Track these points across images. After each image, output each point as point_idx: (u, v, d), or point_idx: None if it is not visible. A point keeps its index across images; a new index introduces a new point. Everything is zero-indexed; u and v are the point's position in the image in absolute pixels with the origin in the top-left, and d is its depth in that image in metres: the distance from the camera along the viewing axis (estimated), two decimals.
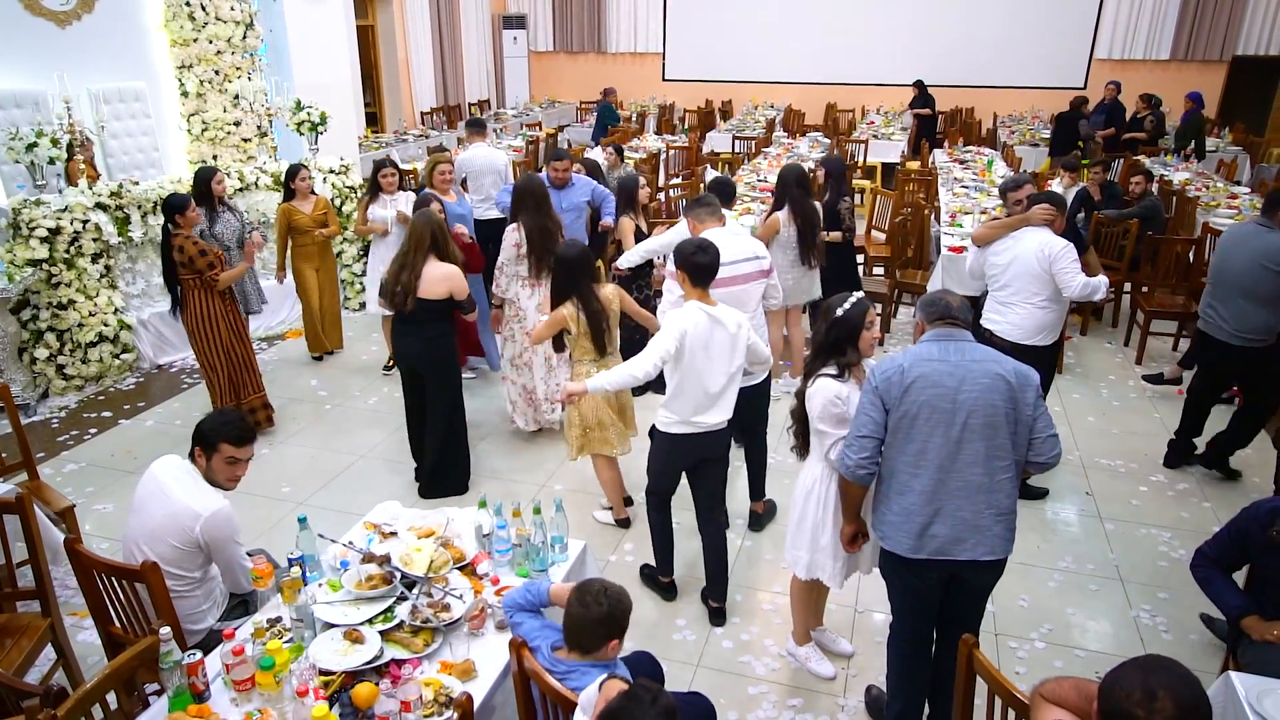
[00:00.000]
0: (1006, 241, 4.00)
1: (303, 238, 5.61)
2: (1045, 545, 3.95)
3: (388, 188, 5.44)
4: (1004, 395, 2.38)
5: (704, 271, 3.08)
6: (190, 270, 4.45)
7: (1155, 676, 1.52)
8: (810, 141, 10.65)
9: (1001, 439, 2.40)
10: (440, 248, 3.98)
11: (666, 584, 3.58)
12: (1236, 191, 7.87)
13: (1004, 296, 4.02)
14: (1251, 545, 2.58)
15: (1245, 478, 4.50)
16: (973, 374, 2.40)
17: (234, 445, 2.60)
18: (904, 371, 2.43)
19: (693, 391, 3.11)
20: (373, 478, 4.52)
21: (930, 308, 2.57)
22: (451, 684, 2.17)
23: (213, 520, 2.52)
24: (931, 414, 2.40)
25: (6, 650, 2.69)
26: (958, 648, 2.17)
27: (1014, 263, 3.95)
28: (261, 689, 2.13)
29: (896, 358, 2.48)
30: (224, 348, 4.63)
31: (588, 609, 2.07)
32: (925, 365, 2.42)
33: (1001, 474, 2.43)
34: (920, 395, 2.40)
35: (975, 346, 2.48)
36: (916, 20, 13.18)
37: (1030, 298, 3.93)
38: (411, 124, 12.55)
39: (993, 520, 2.44)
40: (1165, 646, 3.32)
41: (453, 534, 2.77)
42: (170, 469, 2.63)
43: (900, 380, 2.42)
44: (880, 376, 2.47)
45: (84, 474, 4.56)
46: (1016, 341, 3.95)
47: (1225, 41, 12.16)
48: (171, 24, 6.59)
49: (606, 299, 3.71)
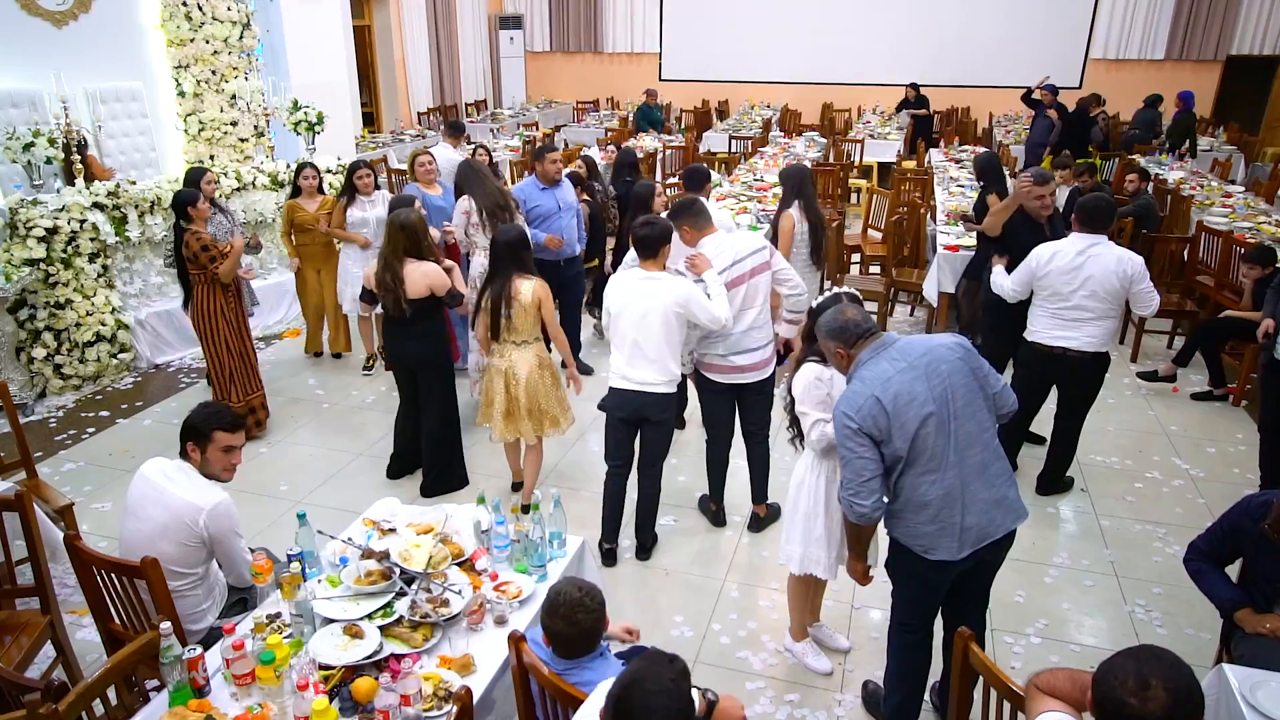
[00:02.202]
0: (1074, 259, 3.79)
1: (304, 237, 5.61)
2: (1041, 541, 3.97)
3: (364, 189, 5.43)
4: (964, 370, 2.44)
5: (642, 244, 3.45)
6: (196, 265, 4.50)
7: (1148, 665, 1.54)
8: (807, 141, 10.67)
9: (980, 410, 2.45)
10: (415, 247, 3.97)
11: (607, 550, 3.79)
12: (1231, 190, 7.91)
13: (1074, 314, 3.84)
14: (1243, 539, 2.59)
15: (1239, 472, 4.53)
16: (932, 367, 2.39)
17: (228, 432, 2.64)
18: (878, 400, 2.35)
19: (625, 349, 3.50)
20: (371, 475, 4.53)
21: (844, 332, 2.50)
22: (451, 679, 2.19)
23: (215, 513, 2.54)
24: (924, 424, 2.36)
25: (6, 647, 2.70)
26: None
27: (1089, 281, 3.77)
28: (261, 683, 2.14)
29: (859, 390, 2.39)
30: (225, 342, 4.67)
31: (576, 624, 2.04)
32: (892, 384, 2.36)
33: (991, 440, 2.49)
34: (908, 412, 2.35)
35: (907, 342, 2.47)
36: (912, 20, 13.22)
37: (1107, 313, 3.83)
38: (408, 124, 12.56)
39: (1006, 486, 2.50)
40: (1160, 641, 3.31)
41: (451, 530, 2.77)
42: (162, 469, 2.64)
43: (881, 410, 2.34)
44: (857, 417, 2.36)
45: (82, 473, 4.56)
46: (1095, 351, 3.90)
47: (1220, 41, 12.22)
48: (168, 24, 6.59)
49: (518, 291, 3.71)
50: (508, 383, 3.83)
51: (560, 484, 4.43)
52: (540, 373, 3.86)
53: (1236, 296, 5.64)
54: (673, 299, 3.40)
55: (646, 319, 3.43)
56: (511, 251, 3.73)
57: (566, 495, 3.59)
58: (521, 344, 3.81)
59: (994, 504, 2.47)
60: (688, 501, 4.27)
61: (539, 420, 3.91)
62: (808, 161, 9.18)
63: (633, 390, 3.53)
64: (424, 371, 4.16)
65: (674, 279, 3.46)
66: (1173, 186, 7.99)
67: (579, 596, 2.05)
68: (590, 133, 12.26)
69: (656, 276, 3.45)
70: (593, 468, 4.51)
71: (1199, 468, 4.60)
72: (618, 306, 3.50)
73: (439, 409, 4.20)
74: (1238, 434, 4.94)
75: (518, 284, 3.72)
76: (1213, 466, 4.62)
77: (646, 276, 3.46)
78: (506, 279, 3.72)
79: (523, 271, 3.74)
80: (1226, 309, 5.54)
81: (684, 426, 5.03)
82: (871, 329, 2.50)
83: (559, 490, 4.15)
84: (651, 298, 3.42)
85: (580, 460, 4.70)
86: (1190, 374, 5.60)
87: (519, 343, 3.80)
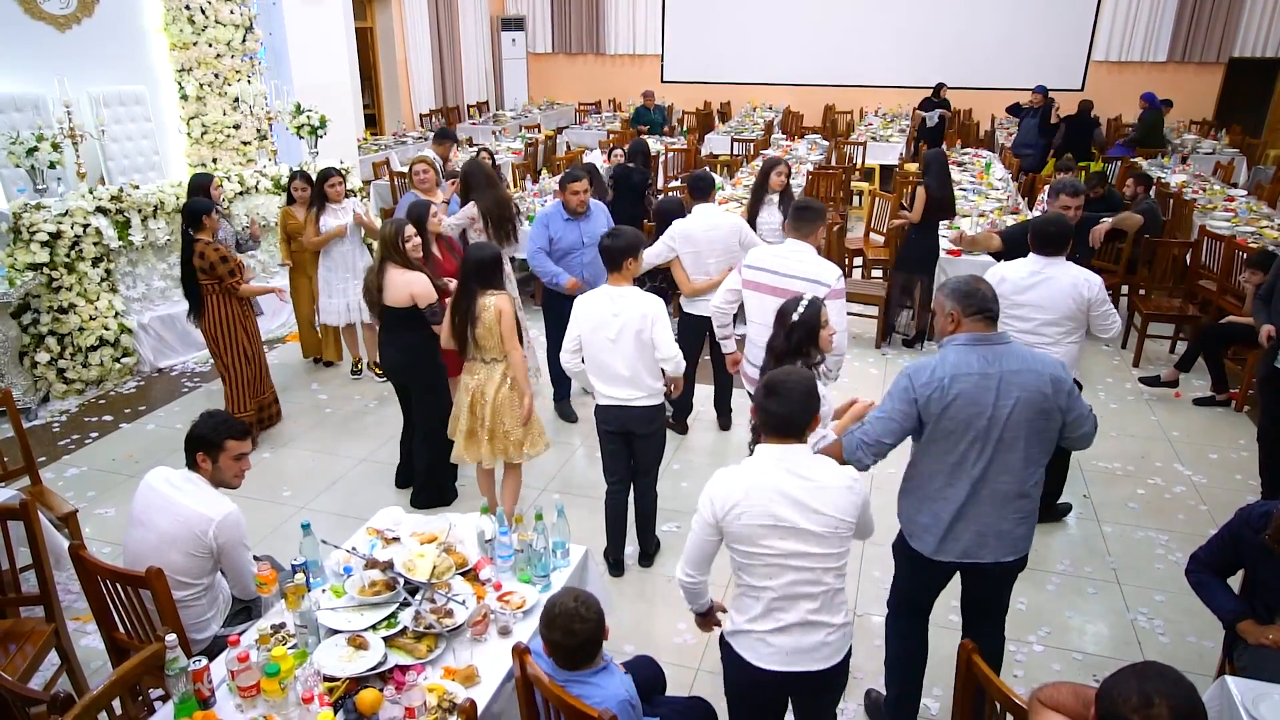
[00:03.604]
0: (1026, 279, 3.52)
1: (297, 244, 5.61)
2: (1043, 548, 3.97)
3: (335, 197, 5.43)
4: (1040, 402, 2.38)
5: (605, 254, 3.45)
6: (211, 276, 4.51)
7: (1151, 683, 1.54)
8: (809, 144, 10.67)
9: (1034, 446, 2.43)
10: (400, 255, 3.90)
11: (614, 561, 3.80)
12: (1233, 194, 7.90)
13: (1031, 339, 3.49)
14: (1244, 550, 2.59)
15: (1242, 479, 4.54)
16: (1011, 387, 2.36)
17: (238, 440, 2.68)
18: (944, 388, 2.37)
19: (599, 373, 3.50)
20: (373, 482, 4.54)
21: (967, 299, 2.44)
22: (455, 689, 2.19)
23: (225, 523, 2.56)
24: (968, 429, 2.39)
25: (11, 656, 2.71)
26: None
27: (1039, 306, 3.51)
28: (267, 695, 2.14)
29: (936, 370, 2.40)
30: (243, 351, 4.73)
31: (573, 634, 2.04)
32: (965, 380, 2.37)
33: (1031, 479, 2.48)
34: (961, 413, 2.37)
35: (1011, 351, 2.42)
36: (914, 22, 13.22)
37: (1062, 338, 3.54)
38: (410, 126, 12.57)
39: (1015, 524, 2.50)
40: (1162, 649, 3.34)
41: (455, 540, 2.78)
42: (170, 479, 2.65)
43: (941, 397, 2.37)
44: (921, 389, 2.39)
45: (85, 478, 4.57)
46: None
47: (1222, 43, 12.20)
48: (171, 27, 6.60)
49: (482, 307, 3.57)
50: (474, 402, 3.68)
51: (563, 492, 4.43)
52: (511, 395, 3.66)
53: (1239, 301, 5.64)
54: (639, 315, 3.37)
55: (618, 342, 3.41)
56: (479, 269, 3.56)
57: (569, 503, 3.59)
58: (491, 361, 3.64)
59: (994, 532, 2.49)
60: (690, 507, 4.26)
61: (502, 443, 3.72)
62: (809, 165, 9.22)
63: (616, 406, 3.52)
64: (408, 383, 4.14)
65: (641, 295, 3.42)
66: (1175, 190, 7.99)
67: (574, 607, 2.05)
68: (592, 134, 12.26)
69: (624, 294, 3.41)
70: (594, 474, 4.52)
71: (1201, 474, 4.61)
72: (587, 329, 3.45)
73: (423, 422, 4.14)
74: (1240, 440, 4.94)
75: (482, 301, 3.56)
76: (1215, 473, 4.63)
77: (615, 295, 3.41)
78: (472, 297, 3.57)
79: (488, 288, 3.57)
80: (1229, 314, 5.54)
81: (686, 431, 5.04)
82: (989, 310, 2.44)
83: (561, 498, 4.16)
84: (618, 318, 3.38)
85: (583, 468, 4.70)
86: (1192, 379, 5.60)
87: (488, 360, 3.65)
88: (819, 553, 2.10)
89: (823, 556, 2.11)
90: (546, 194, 7.65)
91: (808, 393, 2.12)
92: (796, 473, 2.10)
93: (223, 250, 4.51)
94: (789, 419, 2.11)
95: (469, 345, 3.64)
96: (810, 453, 2.17)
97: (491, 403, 3.66)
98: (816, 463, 2.15)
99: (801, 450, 2.13)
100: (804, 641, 2.15)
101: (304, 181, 5.60)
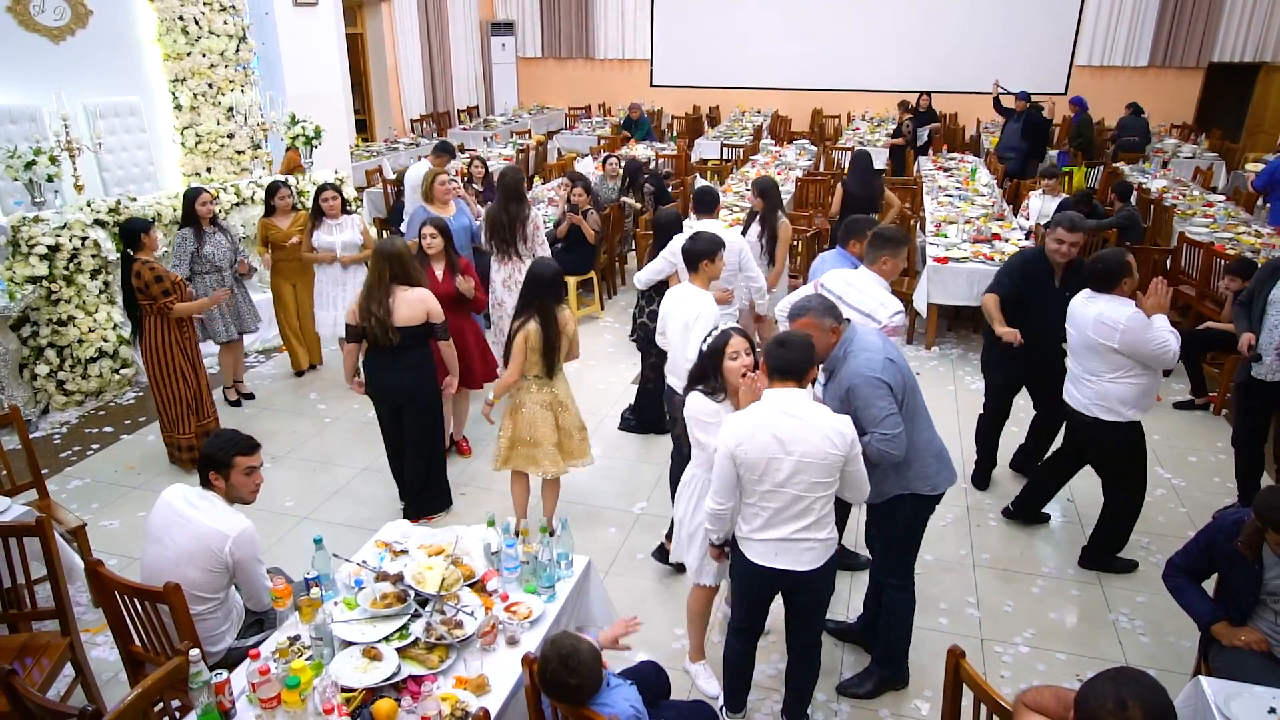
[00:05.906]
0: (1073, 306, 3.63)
1: (280, 253, 5.66)
2: (1028, 551, 4.10)
3: (330, 212, 5.43)
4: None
5: (689, 256, 3.79)
6: (146, 296, 4.38)
7: (1126, 688, 1.65)
8: (797, 150, 10.78)
9: None
10: (404, 274, 3.89)
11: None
12: (1212, 200, 8.06)
13: (1075, 368, 3.67)
14: (1218, 555, 2.72)
15: (1220, 481, 4.67)
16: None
17: (246, 455, 2.75)
18: (890, 360, 2.83)
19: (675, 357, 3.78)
20: (376, 489, 4.60)
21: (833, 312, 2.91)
22: (467, 699, 2.28)
23: (240, 539, 2.65)
24: (910, 377, 2.92)
25: (29, 670, 2.78)
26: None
27: (1073, 335, 3.65)
28: (287, 707, 2.23)
29: (871, 356, 2.82)
30: (179, 373, 4.57)
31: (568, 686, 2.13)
32: (890, 348, 2.89)
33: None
34: (906, 369, 2.89)
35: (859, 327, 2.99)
36: (900, 27, 13.37)
37: (1091, 373, 3.58)
38: (401, 132, 12.62)
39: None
40: (1143, 649, 3.47)
41: (462, 551, 2.87)
42: (187, 496, 2.73)
43: (894, 366, 2.83)
44: (887, 374, 2.79)
45: (88, 490, 4.62)
46: (1093, 416, 3.63)
47: (1202, 48, 12.41)
48: (165, 38, 6.63)
49: (564, 321, 3.74)
50: (557, 415, 3.85)
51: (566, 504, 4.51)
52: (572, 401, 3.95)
53: (1217, 307, 5.79)
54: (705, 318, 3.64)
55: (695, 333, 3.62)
56: (553, 285, 3.71)
57: (573, 517, 3.67)
58: (563, 376, 3.88)
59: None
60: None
61: (567, 448, 3.92)
62: (798, 171, 9.34)
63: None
64: (409, 405, 4.07)
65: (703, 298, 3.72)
66: (1156, 196, 8.15)
67: (557, 665, 2.14)
68: (583, 139, 12.34)
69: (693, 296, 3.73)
70: (594, 486, 4.61)
71: (1181, 477, 4.74)
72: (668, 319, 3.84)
73: (425, 443, 4.15)
74: (1218, 443, 5.08)
75: (562, 315, 3.73)
76: (1194, 475, 4.77)
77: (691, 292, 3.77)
78: (552, 313, 3.68)
79: (560, 302, 3.75)
80: (1208, 319, 5.68)
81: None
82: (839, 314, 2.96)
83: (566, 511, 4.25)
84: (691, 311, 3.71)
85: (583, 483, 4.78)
86: (1171, 383, 5.73)
87: (561, 375, 3.86)
88: (809, 481, 2.57)
89: (813, 485, 2.57)
90: (540, 201, 7.73)
91: (808, 346, 2.64)
92: (791, 413, 2.55)
93: (158, 270, 4.37)
94: (793, 363, 2.59)
95: (556, 361, 3.76)
96: (808, 397, 2.62)
97: (570, 410, 3.90)
98: (811, 406, 2.61)
99: (800, 394, 2.60)
100: (793, 548, 2.66)
101: (287, 190, 5.65)
